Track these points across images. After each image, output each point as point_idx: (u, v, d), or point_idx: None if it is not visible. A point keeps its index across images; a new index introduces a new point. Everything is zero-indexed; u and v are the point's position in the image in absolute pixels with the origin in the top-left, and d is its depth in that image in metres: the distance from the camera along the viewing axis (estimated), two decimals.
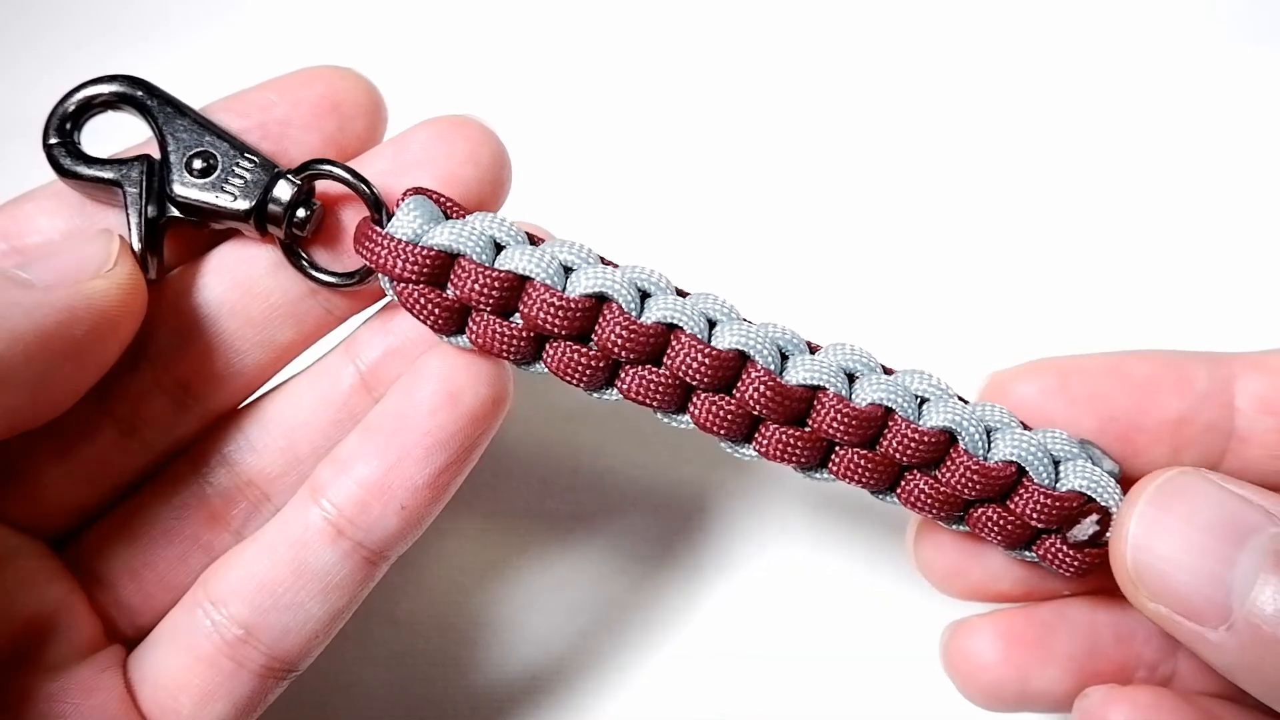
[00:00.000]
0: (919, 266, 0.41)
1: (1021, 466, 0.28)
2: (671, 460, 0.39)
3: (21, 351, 0.24)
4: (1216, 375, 0.29)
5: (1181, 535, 0.25)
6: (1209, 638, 0.25)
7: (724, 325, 0.28)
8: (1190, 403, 0.28)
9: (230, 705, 0.28)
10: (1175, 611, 0.25)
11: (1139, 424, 0.28)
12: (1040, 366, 0.29)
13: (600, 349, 0.27)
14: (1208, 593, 0.24)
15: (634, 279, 0.28)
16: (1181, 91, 0.44)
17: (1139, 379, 0.29)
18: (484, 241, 0.27)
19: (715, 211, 0.42)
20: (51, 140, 0.28)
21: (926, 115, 0.44)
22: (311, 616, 0.28)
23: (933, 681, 0.36)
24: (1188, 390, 0.28)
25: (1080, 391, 0.29)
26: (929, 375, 0.28)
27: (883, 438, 0.28)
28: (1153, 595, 0.25)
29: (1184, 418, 0.28)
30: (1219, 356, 0.29)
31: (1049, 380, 0.29)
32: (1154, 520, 0.26)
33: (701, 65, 0.44)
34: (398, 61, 0.42)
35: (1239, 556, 0.24)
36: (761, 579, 0.38)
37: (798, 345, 0.28)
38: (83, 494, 0.29)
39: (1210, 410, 0.28)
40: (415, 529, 0.29)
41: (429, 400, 0.28)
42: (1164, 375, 0.29)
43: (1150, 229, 0.42)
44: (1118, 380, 0.29)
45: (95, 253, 0.27)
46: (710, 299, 0.28)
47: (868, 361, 0.28)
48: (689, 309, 0.27)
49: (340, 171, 0.28)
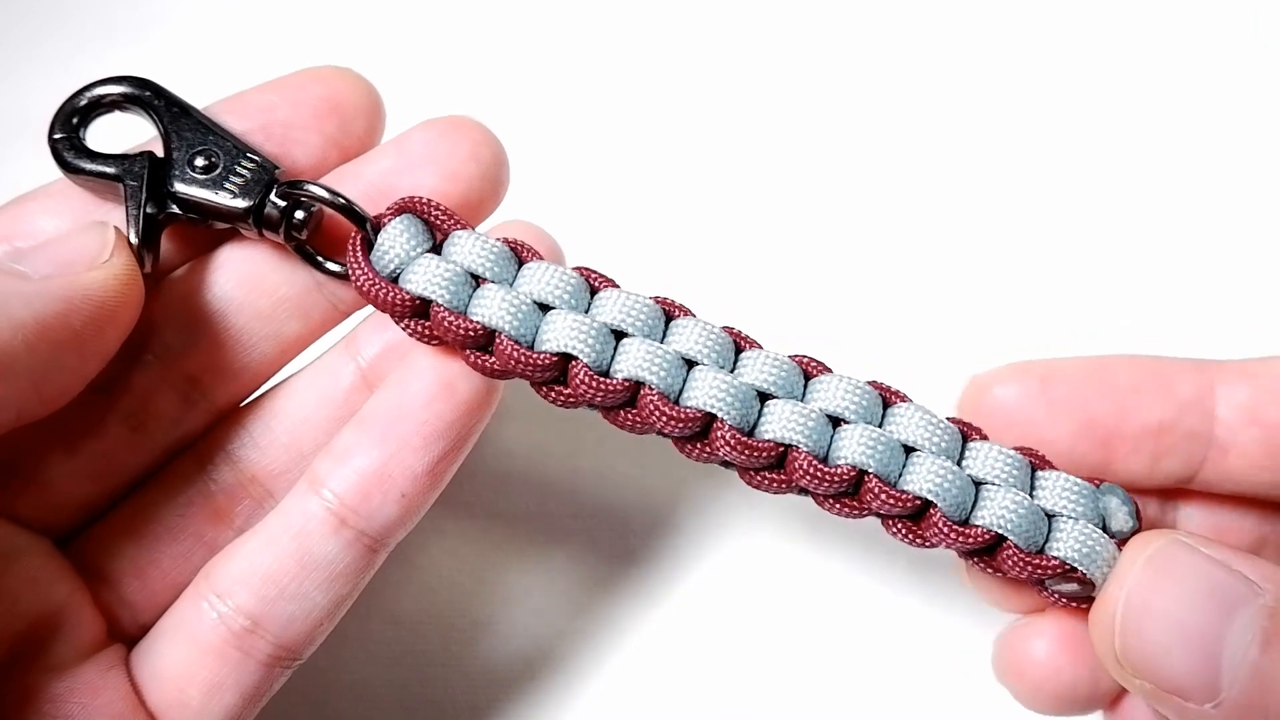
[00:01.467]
0: (911, 267, 0.42)
1: (1001, 535, 0.27)
2: (672, 460, 0.39)
3: (23, 341, 0.25)
4: (1199, 382, 0.28)
5: (1170, 616, 0.25)
6: (1196, 714, 0.24)
7: (699, 375, 0.27)
8: (1172, 410, 0.28)
9: (238, 695, 0.29)
10: (1162, 689, 0.25)
11: (1119, 430, 0.28)
12: (1021, 369, 0.29)
13: (574, 392, 0.28)
14: (1196, 672, 0.24)
15: (607, 323, 0.27)
16: (1170, 92, 0.44)
17: (1121, 384, 0.28)
18: (458, 282, 0.28)
19: (709, 208, 0.42)
20: (57, 135, 0.29)
21: (916, 118, 0.44)
22: (316, 605, 0.29)
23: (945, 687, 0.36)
24: (1170, 397, 0.28)
25: (1061, 396, 0.28)
26: (926, 417, 0.27)
27: (862, 489, 0.27)
28: (1138, 674, 0.25)
29: (1164, 425, 0.28)
30: (1202, 364, 0.29)
31: (1029, 384, 0.29)
32: (1142, 601, 0.25)
33: (694, 64, 0.44)
34: (394, 62, 0.42)
35: (1227, 633, 0.24)
36: (763, 579, 0.38)
37: (782, 383, 0.27)
38: (90, 490, 0.30)
39: (1191, 418, 0.28)
40: (414, 515, 0.29)
41: (425, 391, 0.29)
42: (1146, 381, 0.28)
43: (1136, 232, 0.42)
44: (1099, 385, 0.28)
45: (90, 244, 0.27)
46: (695, 331, 0.28)
47: (859, 402, 0.27)
48: (659, 361, 0.27)
49: (321, 192, 0.28)
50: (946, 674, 0.37)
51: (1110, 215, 0.42)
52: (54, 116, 0.29)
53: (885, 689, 0.37)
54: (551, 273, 0.28)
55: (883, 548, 0.38)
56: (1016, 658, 0.29)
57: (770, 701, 0.37)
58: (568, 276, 0.28)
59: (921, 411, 0.28)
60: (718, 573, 0.38)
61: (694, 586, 0.38)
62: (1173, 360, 0.29)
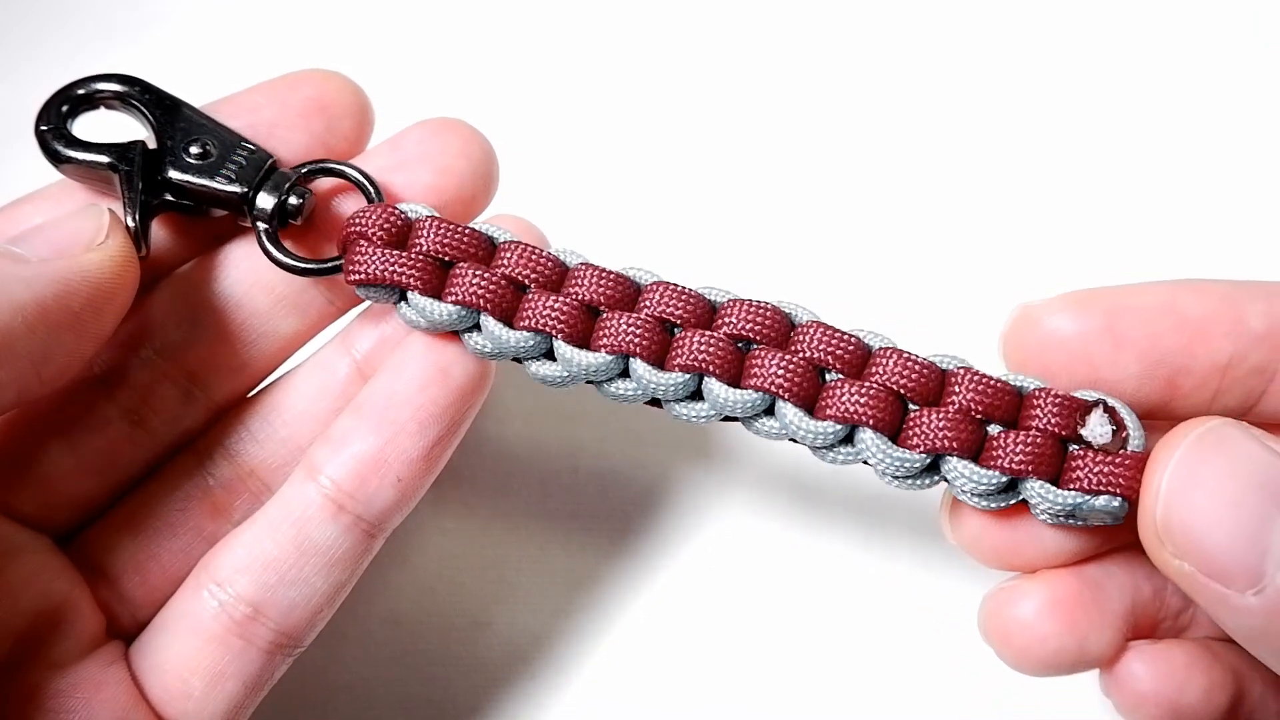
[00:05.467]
0: (906, 237, 0.42)
1: (1021, 387, 0.26)
2: (672, 460, 0.39)
3: (23, 323, 0.25)
4: (1270, 312, 0.26)
5: (1219, 491, 0.23)
6: (1234, 602, 0.23)
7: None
8: (1242, 345, 0.26)
9: (240, 683, 0.29)
10: (1201, 571, 0.23)
11: (1186, 367, 0.26)
12: (1081, 299, 0.26)
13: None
14: (1241, 554, 0.23)
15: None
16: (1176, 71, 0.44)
17: (1192, 317, 0.26)
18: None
19: (696, 196, 0.42)
20: (44, 126, 0.29)
21: (917, 82, 0.44)
22: (316, 591, 0.29)
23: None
24: (1242, 331, 0.26)
25: (1129, 332, 0.26)
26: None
27: (873, 366, 0.27)
28: (1179, 552, 0.24)
29: (1233, 360, 0.26)
30: (1273, 289, 0.26)
31: (1092, 317, 0.26)
32: (1190, 472, 0.24)
33: (678, 58, 0.45)
34: (388, 66, 0.42)
35: (1278, 521, 0.23)
36: (764, 579, 0.38)
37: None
38: (90, 486, 0.30)
39: (1259, 353, 0.26)
40: (410, 500, 0.30)
41: (419, 377, 0.29)
42: (1218, 313, 0.26)
43: (1168, 150, 0.42)
44: (1169, 319, 0.26)
45: (86, 226, 0.27)
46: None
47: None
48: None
49: (345, 169, 0.29)
50: (935, 642, 0.37)
51: (1145, 136, 0.42)
52: (41, 109, 0.29)
53: (908, 686, 0.37)
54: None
55: (902, 551, 0.38)
56: (1003, 620, 0.28)
57: (777, 700, 0.37)
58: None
59: None
60: (720, 573, 0.38)
61: (695, 587, 0.38)
62: (1242, 285, 0.27)
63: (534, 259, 0.28)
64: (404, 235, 0.29)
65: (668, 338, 0.28)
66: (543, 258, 0.28)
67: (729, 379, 0.27)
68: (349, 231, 0.29)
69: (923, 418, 0.26)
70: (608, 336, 0.28)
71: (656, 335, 0.28)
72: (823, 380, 0.27)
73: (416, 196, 0.30)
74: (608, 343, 0.28)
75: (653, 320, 0.28)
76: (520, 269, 0.28)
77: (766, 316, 0.27)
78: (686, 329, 0.28)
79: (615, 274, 0.28)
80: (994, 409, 0.26)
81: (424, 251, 0.28)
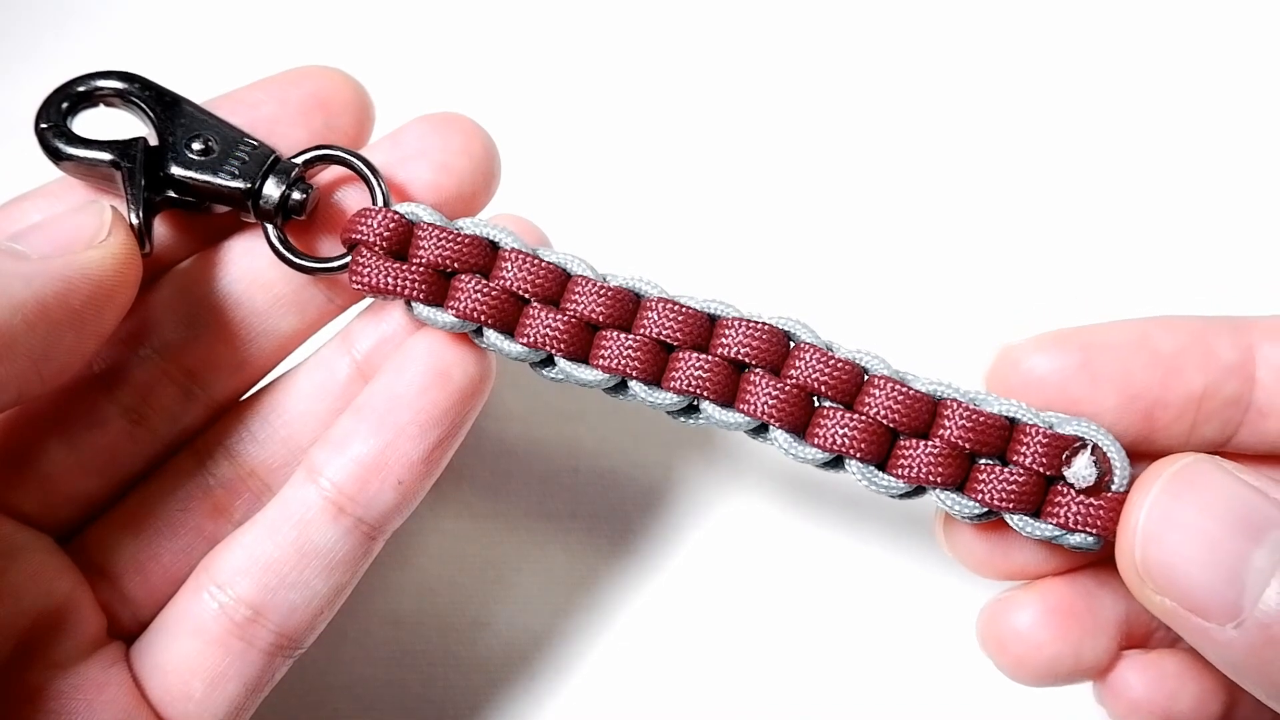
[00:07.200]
0: (908, 244, 0.41)
1: (1013, 418, 0.27)
2: (672, 460, 0.39)
3: (23, 320, 0.25)
4: (1239, 344, 0.27)
5: (1195, 528, 0.24)
6: (1216, 636, 0.24)
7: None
8: (1214, 377, 0.27)
9: (241, 685, 0.29)
10: (1182, 606, 0.24)
11: (1162, 400, 0.27)
12: (1058, 339, 0.27)
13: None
14: (1219, 589, 0.23)
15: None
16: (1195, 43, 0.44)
17: (1165, 353, 0.27)
18: None
19: (697, 195, 0.42)
20: (44, 124, 0.29)
21: (919, 86, 0.44)
22: (317, 593, 0.29)
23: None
24: (1212, 362, 0.27)
25: (1104, 368, 0.27)
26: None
27: (865, 395, 0.27)
28: (1159, 589, 0.24)
29: (1208, 392, 0.27)
30: (1240, 323, 0.28)
31: (1069, 355, 0.27)
32: (1165, 511, 0.25)
33: (680, 55, 0.44)
34: (389, 62, 0.42)
35: (1254, 553, 0.23)
36: (763, 578, 0.38)
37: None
38: (91, 485, 0.30)
39: (1232, 384, 0.27)
40: (411, 502, 0.29)
41: (420, 379, 0.29)
42: (1188, 346, 0.27)
43: (1149, 192, 0.42)
44: (1142, 355, 0.27)
45: (88, 223, 0.27)
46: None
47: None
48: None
49: (350, 158, 0.29)
50: (937, 636, 0.37)
51: (1125, 172, 0.42)
52: (40, 106, 0.29)
53: (881, 660, 0.37)
54: None
55: (912, 556, 0.38)
56: (999, 630, 0.29)
57: (778, 700, 0.37)
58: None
59: None
60: (720, 573, 0.38)
61: (695, 587, 0.38)
62: (1211, 320, 0.28)
63: (534, 271, 0.29)
64: (406, 239, 0.29)
65: (665, 356, 0.29)
66: (543, 269, 0.29)
67: (723, 401, 0.28)
68: (351, 237, 0.29)
69: (910, 450, 0.27)
70: (605, 357, 0.28)
71: (653, 356, 0.28)
72: (818, 401, 0.28)
73: (416, 193, 0.30)
74: (604, 363, 0.28)
75: (649, 341, 0.28)
76: (520, 283, 0.29)
77: (762, 340, 0.28)
78: (683, 350, 0.28)
79: (614, 289, 0.28)
80: (982, 444, 0.27)
81: (425, 261, 0.29)
